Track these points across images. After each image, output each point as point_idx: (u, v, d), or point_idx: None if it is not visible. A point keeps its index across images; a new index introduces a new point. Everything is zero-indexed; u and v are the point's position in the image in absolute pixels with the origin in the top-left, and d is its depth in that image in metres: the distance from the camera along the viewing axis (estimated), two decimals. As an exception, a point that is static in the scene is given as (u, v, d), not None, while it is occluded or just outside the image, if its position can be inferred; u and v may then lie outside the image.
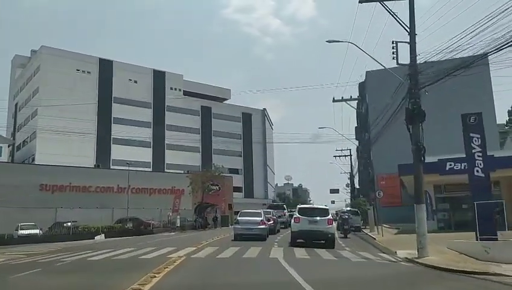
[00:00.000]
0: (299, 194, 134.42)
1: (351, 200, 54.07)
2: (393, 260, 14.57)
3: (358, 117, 52.41)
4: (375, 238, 23.82)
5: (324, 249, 16.71)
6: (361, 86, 44.30)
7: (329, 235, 18.65)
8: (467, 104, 32.66)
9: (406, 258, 14.68)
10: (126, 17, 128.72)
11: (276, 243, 19.25)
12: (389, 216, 34.88)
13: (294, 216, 19.64)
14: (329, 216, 19.50)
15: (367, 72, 42.87)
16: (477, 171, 14.77)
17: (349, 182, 75.12)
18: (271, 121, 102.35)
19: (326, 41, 18.76)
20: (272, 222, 24.71)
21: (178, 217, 39.42)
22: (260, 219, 21.25)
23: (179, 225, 38.73)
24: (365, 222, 33.64)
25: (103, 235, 32.39)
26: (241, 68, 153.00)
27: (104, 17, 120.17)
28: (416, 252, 14.85)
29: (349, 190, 75.92)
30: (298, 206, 21.03)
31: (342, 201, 77.26)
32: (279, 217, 30.17)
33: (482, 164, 14.75)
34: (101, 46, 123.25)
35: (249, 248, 16.15)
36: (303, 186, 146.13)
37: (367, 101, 43.10)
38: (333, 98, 30.75)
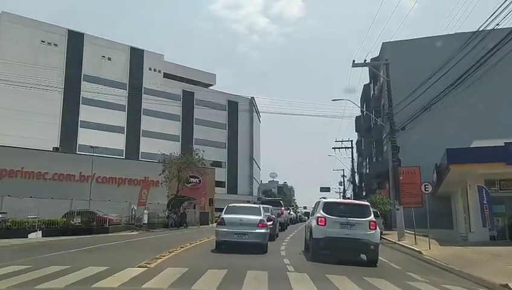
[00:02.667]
0: (285, 192, 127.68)
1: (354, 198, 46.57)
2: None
3: (364, 102, 45.10)
4: (421, 252, 16.32)
5: (381, 277, 9.19)
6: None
7: (372, 247, 11.92)
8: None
9: None
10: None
11: (286, 261, 11.54)
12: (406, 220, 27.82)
13: (318, 216, 12.18)
14: (372, 216, 12.36)
15: (383, 43, 35.65)
16: None
17: (342, 180, 68.43)
18: (259, 112, 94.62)
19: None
20: (271, 222, 16.96)
21: (146, 211, 31.38)
22: (259, 218, 13.48)
23: (146, 221, 30.76)
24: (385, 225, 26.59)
25: (40, 232, 24.32)
26: (226, 65, 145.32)
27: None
28: None
29: (342, 189, 69.20)
30: (323, 200, 13.42)
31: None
32: (278, 216, 22.46)
33: None
34: (72, 22, 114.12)
35: (243, 273, 8.52)
36: (288, 185, 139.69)
37: (381, 81, 35.74)
38: (353, 62, 23.37)
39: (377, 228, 12.64)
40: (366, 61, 24.58)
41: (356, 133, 59.43)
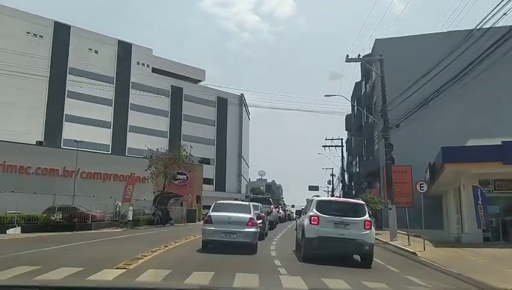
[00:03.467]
0: (273, 190, 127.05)
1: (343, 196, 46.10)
2: None
3: (355, 100, 44.58)
4: (415, 254, 15.70)
5: (380, 282, 8.54)
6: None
7: (367, 247, 11.45)
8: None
9: None
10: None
11: (278, 262, 10.84)
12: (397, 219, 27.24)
13: (311, 214, 11.54)
14: (367, 216, 11.84)
15: (376, 40, 35.05)
16: None
17: (331, 179, 68.02)
18: (248, 110, 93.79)
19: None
20: (260, 221, 16.23)
21: (130, 208, 30.42)
22: (249, 216, 12.74)
23: (130, 218, 29.82)
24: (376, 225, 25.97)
25: (19, 228, 23.35)
26: (216, 62, 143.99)
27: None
28: None
29: (330, 187, 68.83)
30: (316, 198, 12.76)
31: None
32: (267, 214, 21.71)
33: None
34: (61, 16, 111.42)
35: (232, 276, 7.83)
36: (276, 183, 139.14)
37: (373, 78, 35.19)
38: (347, 56, 22.72)
39: (372, 227, 12.13)
40: (360, 57, 23.87)
41: (346, 131, 59.00)
